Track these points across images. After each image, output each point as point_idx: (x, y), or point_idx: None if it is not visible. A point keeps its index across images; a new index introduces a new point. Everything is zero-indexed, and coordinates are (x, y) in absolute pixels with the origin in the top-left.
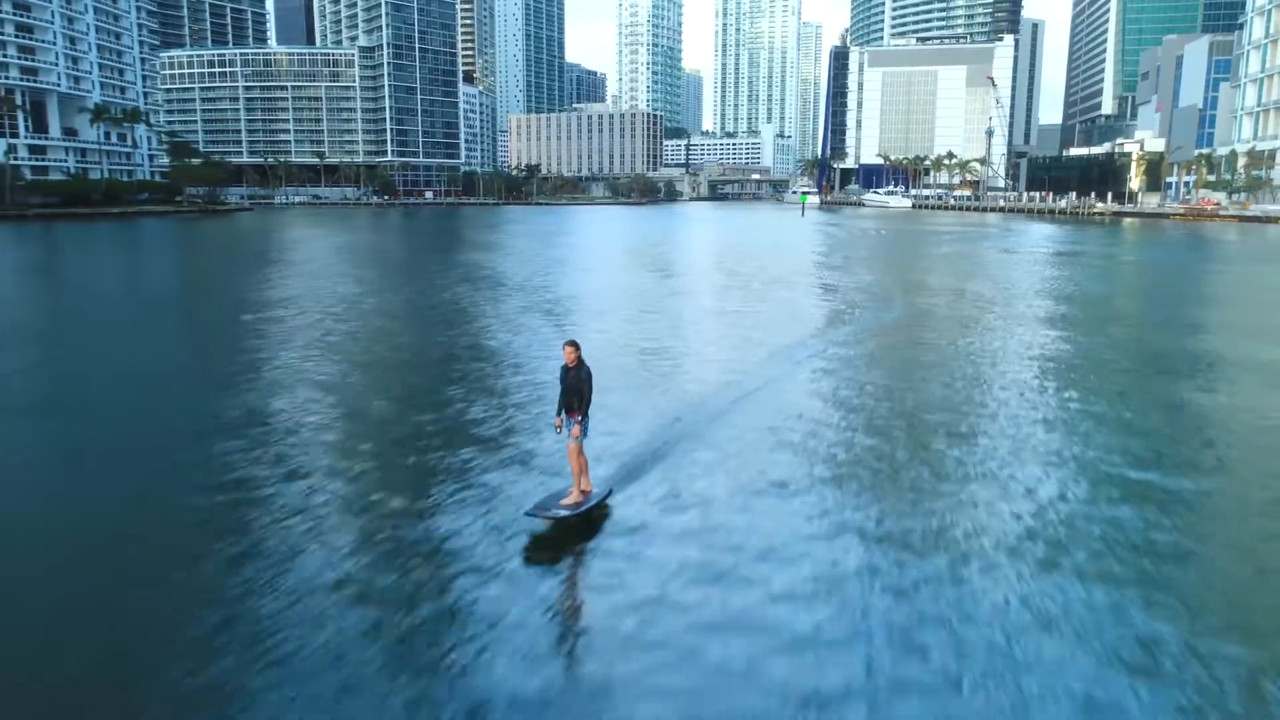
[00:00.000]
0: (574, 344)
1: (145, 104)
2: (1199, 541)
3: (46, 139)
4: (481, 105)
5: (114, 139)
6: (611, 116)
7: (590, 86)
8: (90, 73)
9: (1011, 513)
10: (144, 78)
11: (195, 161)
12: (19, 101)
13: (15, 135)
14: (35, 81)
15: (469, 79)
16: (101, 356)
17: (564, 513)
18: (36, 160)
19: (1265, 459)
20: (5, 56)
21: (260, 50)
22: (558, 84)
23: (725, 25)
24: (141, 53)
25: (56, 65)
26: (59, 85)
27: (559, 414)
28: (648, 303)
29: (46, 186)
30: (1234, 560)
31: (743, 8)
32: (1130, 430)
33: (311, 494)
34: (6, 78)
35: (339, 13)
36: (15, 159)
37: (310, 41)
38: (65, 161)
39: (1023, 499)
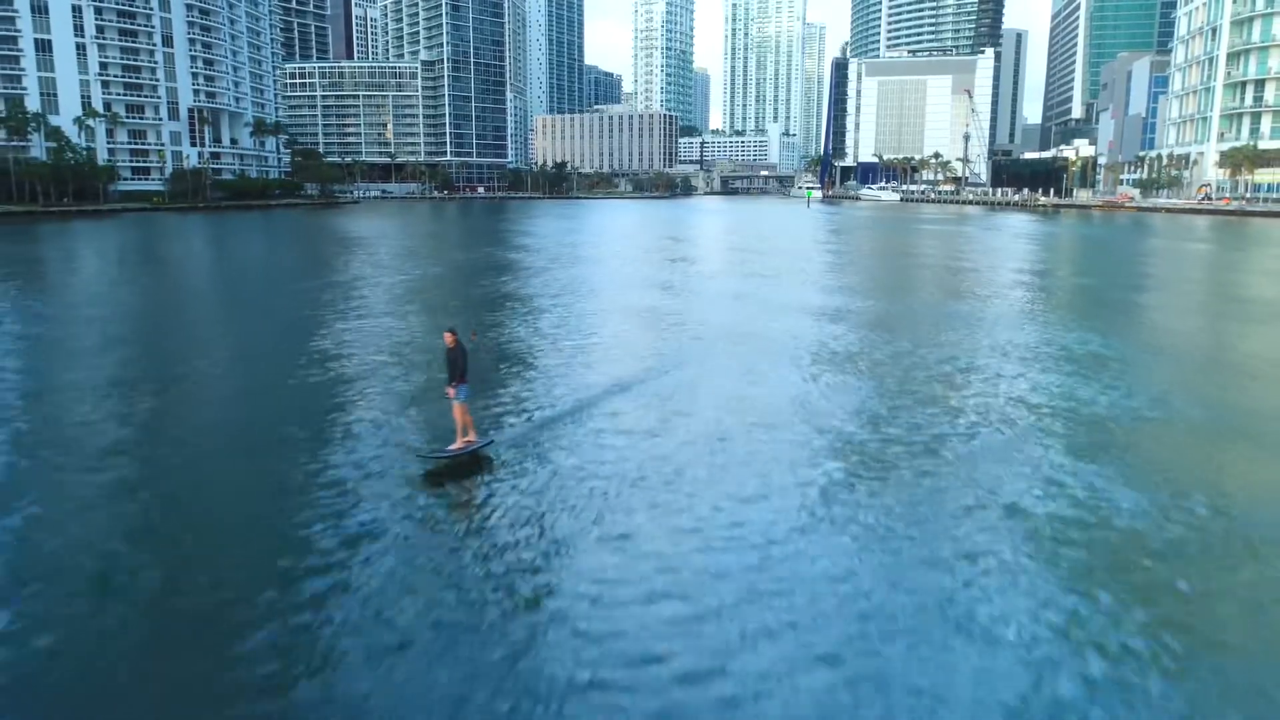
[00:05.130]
0: (452, 330)
1: (277, 115)
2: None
3: (220, 147)
4: (515, 108)
5: (256, 144)
6: (630, 117)
7: (607, 88)
8: (247, 93)
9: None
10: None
11: (313, 163)
12: (206, 117)
13: (203, 145)
14: (213, 103)
15: None
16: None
17: (449, 453)
18: (213, 164)
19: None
20: (197, 85)
21: (335, 64)
22: (578, 86)
23: (734, 30)
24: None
25: (228, 90)
26: (229, 105)
27: (449, 384)
28: (776, 251)
29: (226, 185)
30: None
31: (751, 13)
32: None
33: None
34: (196, 101)
35: (400, 30)
36: (202, 163)
37: (350, 55)
38: (233, 165)
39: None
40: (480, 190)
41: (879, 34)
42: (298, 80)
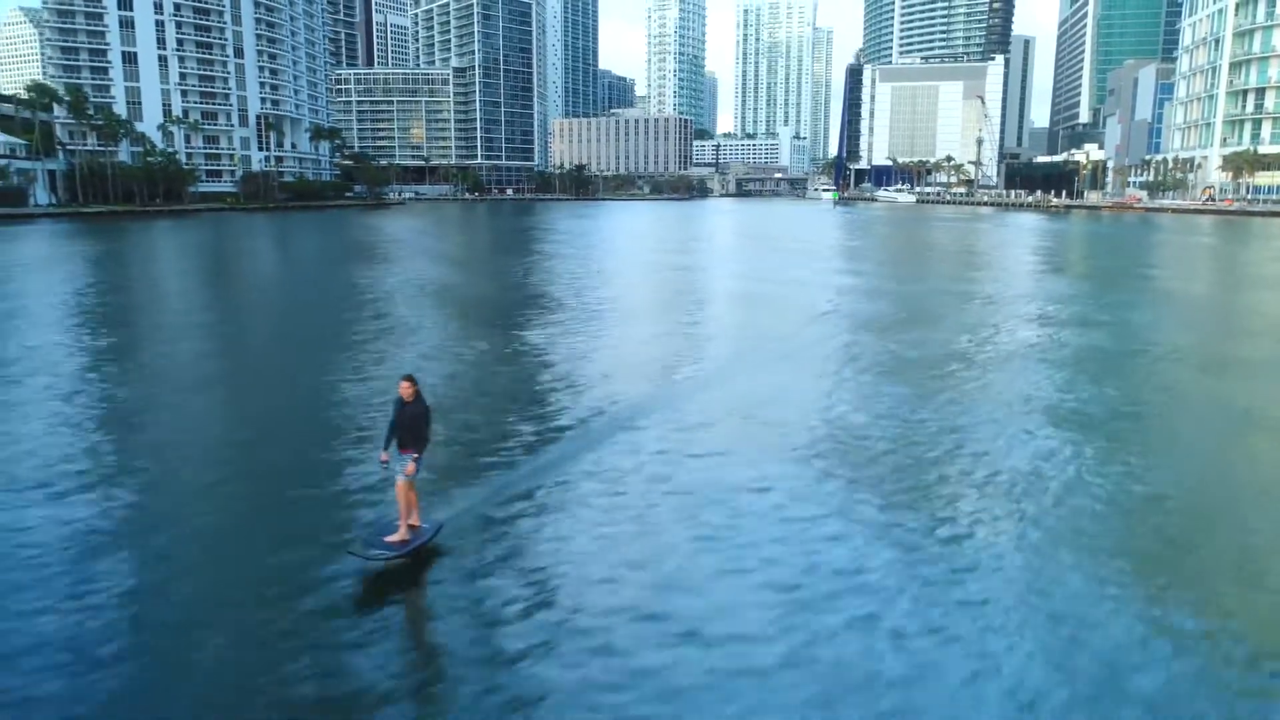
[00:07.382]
0: (410, 378)
1: (329, 120)
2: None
3: (283, 151)
4: (537, 111)
5: (313, 149)
6: (645, 120)
7: (621, 91)
8: (305, 100)
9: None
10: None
11: (363, 166)
12: (272, 123)
13: (269, 149)
14: (277, 110)
15: None
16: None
17: (389, 552)
18: (277, 168)
19: None
20: (264, 94)
21: (370, 71)
22: (592, 90)
23: (746, 35)
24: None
25: (291, 97)
26: (290, 111)
27: (385, 448)
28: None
29: (289, 187)
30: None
31: (762, 19)
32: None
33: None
34: (263, 108)
35: (432, 38)
36: (268, 167)
37: (371, 62)
38: (293, 168)
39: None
40: (509, 192)
41: (891, 40)
42: (335, 87)
